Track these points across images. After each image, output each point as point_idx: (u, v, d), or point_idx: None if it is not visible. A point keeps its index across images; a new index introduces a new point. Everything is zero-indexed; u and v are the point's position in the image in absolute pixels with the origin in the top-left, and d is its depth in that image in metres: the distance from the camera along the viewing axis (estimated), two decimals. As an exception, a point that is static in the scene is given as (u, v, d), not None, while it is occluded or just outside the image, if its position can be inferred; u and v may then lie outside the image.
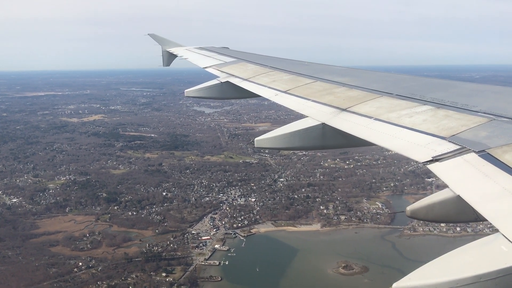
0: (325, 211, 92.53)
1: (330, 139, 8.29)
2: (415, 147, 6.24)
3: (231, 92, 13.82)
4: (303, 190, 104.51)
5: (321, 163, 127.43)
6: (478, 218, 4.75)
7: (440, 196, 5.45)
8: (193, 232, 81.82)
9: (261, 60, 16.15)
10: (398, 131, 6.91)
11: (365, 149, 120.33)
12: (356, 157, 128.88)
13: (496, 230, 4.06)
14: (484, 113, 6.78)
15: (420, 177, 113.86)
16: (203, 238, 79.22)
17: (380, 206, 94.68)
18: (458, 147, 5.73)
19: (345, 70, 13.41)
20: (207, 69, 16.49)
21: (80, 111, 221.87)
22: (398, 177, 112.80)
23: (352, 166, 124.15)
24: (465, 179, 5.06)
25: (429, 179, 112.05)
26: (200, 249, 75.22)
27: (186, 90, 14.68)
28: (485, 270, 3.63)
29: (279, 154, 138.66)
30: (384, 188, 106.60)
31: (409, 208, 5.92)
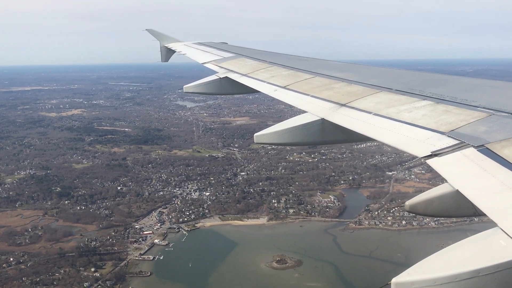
0: (276, 204, 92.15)
1: (329, 134, 8.29)
2: (414, 142, 6.25)
3: (230, 87, 13.79)
4: (260, 184, 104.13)
5: (287, 157, 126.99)
6: (476, 212, 4.82)
7: (439, 191, 5.53)
8: (136, 226, 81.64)
9: (260, 56, 16.13)
10: (398, 126, 6.91)
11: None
12: (322, 151, 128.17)
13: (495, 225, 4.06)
14: (484, 108, 6.75)
15: (381, 170, 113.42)
16: (145, 232, 79.03)
17: (332, 199, 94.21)
18: (457, 142, 5.73)
19: (344, 65, 13.39)
20: (205, 65, 16.50)
21: (61, 106, 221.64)
22: (359, 171, 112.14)
23: (316, 160, 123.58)
24: (464, 174, 5.05)
25: (390, 173, 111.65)
26: (139, 244, 75.03)
27: (185, 86, 14.63)
28: (483, 265, 3.61)
29: (247, 148, 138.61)
30: (342, 182, 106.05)
31: (408, 202, 5.93)
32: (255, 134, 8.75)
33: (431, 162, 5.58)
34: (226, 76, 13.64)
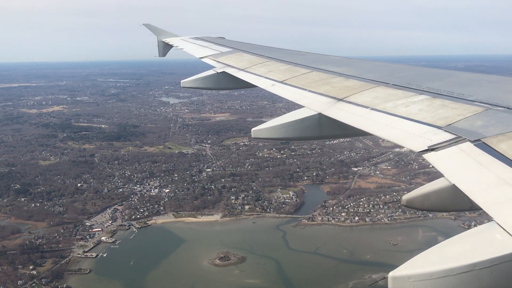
0: (233, 201, 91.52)
1: (326, 129, 8.32)
2: (411, 137, 6.27)
3: (227, 82, 13.80)
4: (223, 180, 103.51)
5: (256, 153, 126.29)
6: (473, 207, 4.82)
7: (436, 185, 5.49)
8: (87, 224, 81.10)
9: (257, 50, 16.08)
10: (395, 120, 6.93)
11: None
12: (292, 147, 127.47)
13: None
14: (480, 102, 6.75)
15: (347, 166, 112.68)
16: (94, 230, 78.50)
17: (291, 196, 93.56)
18: (453, 136, 5.77)
19: (342, 60, 13.31)
20: (203, 59, 16.40)
21: (43, 102, 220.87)
22: (324, 167, 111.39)
23: (285, 156, 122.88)
24: (460, 168, 5.09)
25: (355, 169, 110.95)
26: (85, 241, 74.50)
27: (182, 81, 14.56)
28: (480, 259, 3.62)
29: (219, 144, 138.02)
30: (305, 178, 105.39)
31: (404, 197, 5.95)
32: (253, 129, 8.71)
33: (427, 156, 5.57)
34: (224, 71, 13.61)
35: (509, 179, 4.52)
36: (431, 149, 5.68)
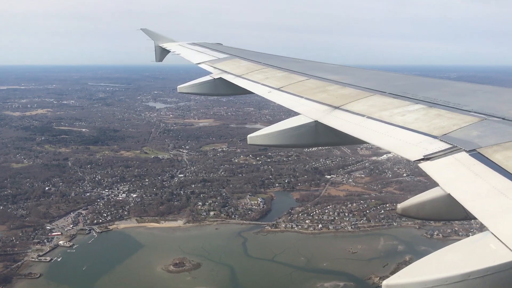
0: (199, 207, 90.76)
1: (322, 136, 8.32)
2: (407, 146, 6.26)
3: (224, 88, 13.80)
4: (193, 186, 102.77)
5: (232, 159, 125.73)
6: (468, 216, 4.83)
7: (431, 195, 5.58)
8: (48, 227, 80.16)
9: (254, 57, 16.11)
10: (390, 129, 6.94)
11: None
12: (269, 154, 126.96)
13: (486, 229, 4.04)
14: (476, 112, 6.79)
15: (320, 173, 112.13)
16: (53, 234, 77.56)
17: (259, 202, 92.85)
18: (449, 146, 5.76)
19: (338, 68, 13.47)
20: (200, 65, 16.46)
21: (29, 105, 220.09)
22: (297, 174, 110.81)
23: (260, 162, 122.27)
24: (455, 178, 5.10)
25: (328, 176, 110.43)
26: (42, 245, 73.55)
27: (179, 86, 14.52)
28: (474, 268, 3.61)
29: (197, 150, 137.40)
30: (277, 184, 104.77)
31: (400, 206, 6.02)
32: (249, 136, 8.62)
33: (423, 166, 5.55)
34: (220, 77, 13.64)
35: (504, 189, 4.54)
36: (426, 158, 5.67)
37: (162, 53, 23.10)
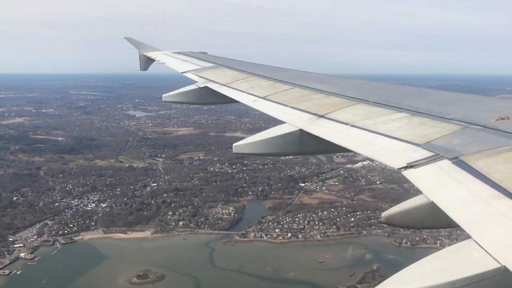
0: (169, 217, 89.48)
1: (307, 145, 8.31)
2: (390, 154, 6.29)
3: (209, 97, 13.77)
4: (165, 195, 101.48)
5: (208, 168, 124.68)
6: (451, 224, 4.81)
7: (415, 202, 5.49)
8: (10, 239, 78.15)
9: (240, 66, 16.07)
10: (374, 137, 6.94)
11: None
12: (245, 162, 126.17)
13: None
14: (458, 120, 6.84)
15: (294, 181, 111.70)
16: (15, 246, 75.63)
17: (230, 211, 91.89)
18: (432, 154, 5.81)
19: (323, 77, 13.46)
20: (185, 74, 16.33)
21: (6, 114, 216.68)
22: (271, 182, 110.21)
23: (236, 170, 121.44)
24: (438, 185, 5.14)
25: (302, 184, 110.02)
26: (1, 258, 71.55)
27: (164, 95, 14.44)
28: (458, 277, 3.62)
29: (173, 158, 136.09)
30: (250, 193, 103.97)
31: (384, 214, 5.96)
32: (234, 144, 8.53)
33: (406, 173, 5.58)
34: (206, 86, 13.60)
35: (486, 196, 4.56)
36: (410, 166, 5.69)
37: (147, 62, 23.03)
